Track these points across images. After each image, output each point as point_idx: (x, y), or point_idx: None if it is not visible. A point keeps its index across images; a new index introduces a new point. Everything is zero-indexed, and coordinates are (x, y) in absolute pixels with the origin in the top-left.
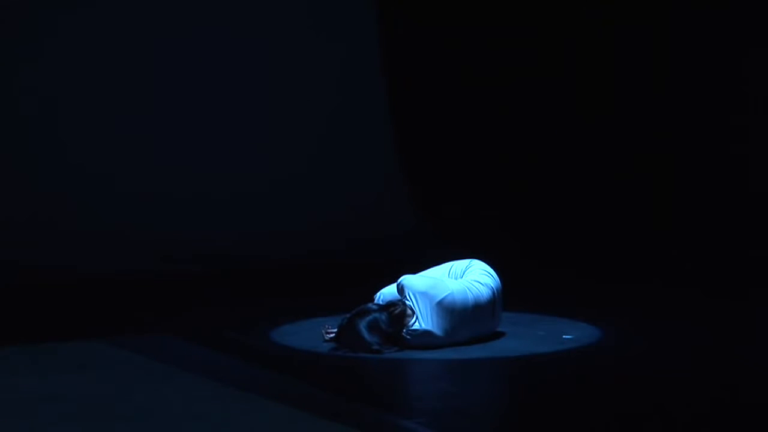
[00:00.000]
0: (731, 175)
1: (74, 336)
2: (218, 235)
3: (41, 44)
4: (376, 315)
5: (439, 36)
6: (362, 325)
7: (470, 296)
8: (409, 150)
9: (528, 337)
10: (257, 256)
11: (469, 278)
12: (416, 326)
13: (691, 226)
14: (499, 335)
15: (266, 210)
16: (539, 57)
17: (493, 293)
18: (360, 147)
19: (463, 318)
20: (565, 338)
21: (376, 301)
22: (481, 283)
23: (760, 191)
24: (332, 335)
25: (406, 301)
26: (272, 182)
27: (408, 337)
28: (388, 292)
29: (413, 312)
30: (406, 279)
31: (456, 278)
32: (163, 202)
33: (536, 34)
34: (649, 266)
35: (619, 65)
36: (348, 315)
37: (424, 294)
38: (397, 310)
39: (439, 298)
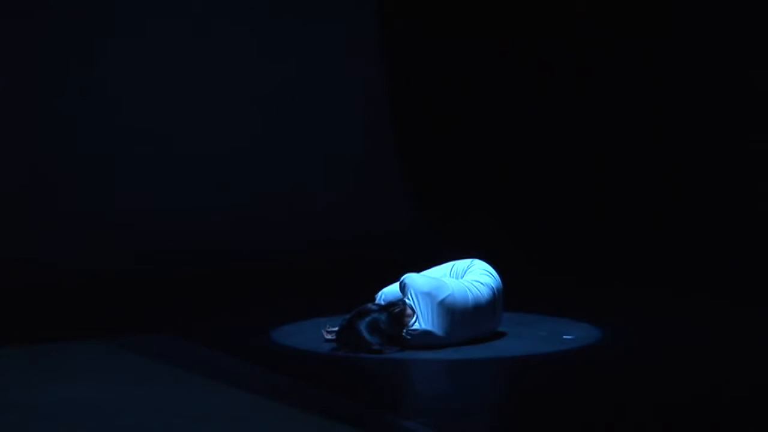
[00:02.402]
0: (732, 177)
1: (74, 336)
2: (217, 234)
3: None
4: (376, 315)
5: (439, 34)
6: (362, 326)
7: (470, 296)
8: (410, 150)
9: (528, 337)
10: (257, 255)
11: (469, 278)
12: (416, 326)
13: (692, 228)
14: (499, 335)
15: (265, 209)
16: (540, 57)
17: (494, 293)
18: (360, 146)
19: (464, 318)
20: (565, 338)
21: (377, 301)
22: (481, 283)
23: (758, 190)
24: (332, 335)
25: (407, 301)
26: (271, 181)
27: (408, 337)
28: (390, 291)
29: (413, 312)
30: (409, 278)
31: (457, 278)
32: (163, 201)
33: (537, 33)
34: (650, 267)
35: (619, 66)
36: (348, 315)
37: (426, 294)
38: (397, 310)
39: (440, 298)
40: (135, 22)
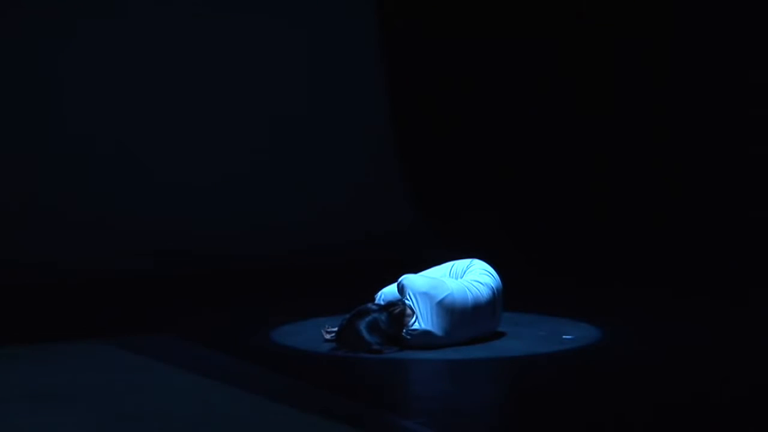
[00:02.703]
0: (732, 176)
1: (74, 337)
2: (217, 235)
3: (44, 44)
4: (376, 315)
5: (439, 34)
6: (362, 325)
7: (470, 296)
8: (409, 150)
9: (528, 337)
10: (256, 255)
11: (469, 278)
12: (416, 326)
13: (691, 229)
14: (499, 335)
15: (265, 209)
16: (540, 57)
17: (493, 293)
18: (360, 146)
19: (463, 318)
20: (565, 338)
21: (376, 301)
22: (481, 283)
23: (757, 191)
24: (332, 335)
25: (406, 301)
26: (271, 182)
27: (408, 337)
28: (389, 291)
29: (413, 312)
30: (407, 279)
31: (457, 278)
32: (163, 202)
33: (536, 33)
34: (650, 267)
35: (619, 66)
36: (348, 315)
37: (424, 294)
38: (397, 310)
39: (439, 298)
40: (142, 25)
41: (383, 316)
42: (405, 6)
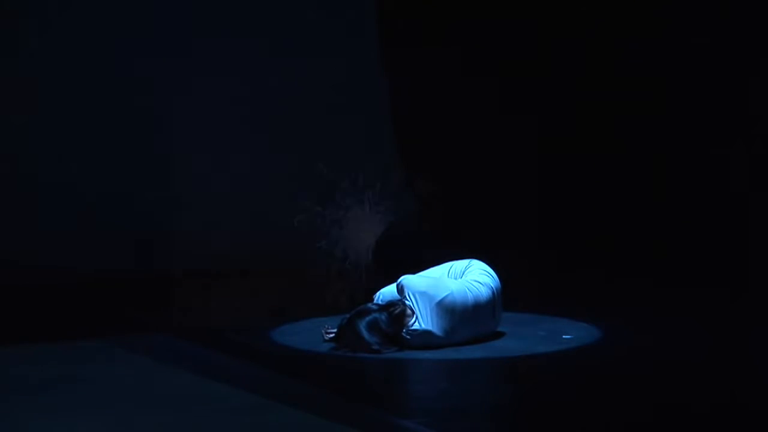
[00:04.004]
0: (734, 175)
1: (74, 336)
2: (217, 235)
3: (37, 41)
4: (376, 315)
5: (440, 35)
6: (362, 325)
7: (470, 296)
8: (410, 152)
9: (528, 337)
10: (256, 256)
11: (468, 278)
12: (416, 326)
13: (693, 228)
14: (499, 335)
15: (266, 210)
16: (540, 55)
17: (493, 293)
18: (360, 147)
19: (463, 318)
20: (564, 338)
21: (376, 301)
22: (480, 283)
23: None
24: (332, 335)
25: (406, 301)
26: (271, 182)
27: (408, 337)
28: (388, 292)
29: (413, 312)
30: (406, 279)
31: (456, 278)
32: (162, 202)
33: (537, 31)
34: (651, 267)
35: (619, 65)
36: (348, 315)
37: (423, 294)
38: (397, 310)
39: (439, 298)
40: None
41: (383, 316)
42: (405, 6)
